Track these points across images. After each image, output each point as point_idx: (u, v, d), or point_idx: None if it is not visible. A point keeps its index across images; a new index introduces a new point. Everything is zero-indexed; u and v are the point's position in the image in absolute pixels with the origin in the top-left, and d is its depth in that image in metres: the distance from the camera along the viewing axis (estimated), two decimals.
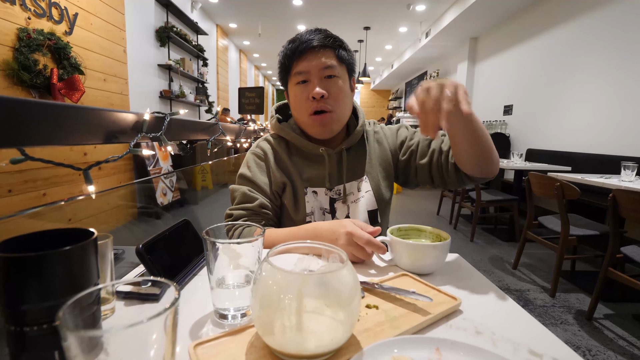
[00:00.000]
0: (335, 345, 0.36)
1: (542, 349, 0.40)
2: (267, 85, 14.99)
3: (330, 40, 0.84)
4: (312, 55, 0.82)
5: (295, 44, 0.83)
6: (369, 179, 0.92)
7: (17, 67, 2.31)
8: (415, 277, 0.58)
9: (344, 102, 0.86)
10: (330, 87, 0.83)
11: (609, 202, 1.71)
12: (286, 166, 0.90)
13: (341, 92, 0.85)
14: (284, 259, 0.41)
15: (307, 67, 0.82)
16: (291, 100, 0.90)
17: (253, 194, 0.85)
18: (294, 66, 0.84)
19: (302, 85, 0.84)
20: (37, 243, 0.35)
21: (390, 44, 8.52)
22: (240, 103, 4.62)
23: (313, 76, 0.82)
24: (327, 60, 0.82)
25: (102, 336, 0.24)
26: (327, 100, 0.83)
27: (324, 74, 0.83)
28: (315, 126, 0.85)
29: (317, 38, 0.83)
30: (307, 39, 0.82)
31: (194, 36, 6.00)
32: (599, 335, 1.74)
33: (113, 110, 0.73)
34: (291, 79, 0.86)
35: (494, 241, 3.28)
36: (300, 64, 0.83)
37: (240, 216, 0.83)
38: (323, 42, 0.83)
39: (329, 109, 0.83)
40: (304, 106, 0.84)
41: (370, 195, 0.91)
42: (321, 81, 0.83)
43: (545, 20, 4.52)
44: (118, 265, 0.75)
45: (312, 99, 0.82)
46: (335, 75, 0.84)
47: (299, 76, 0.84)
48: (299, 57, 0.83)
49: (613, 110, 3.43)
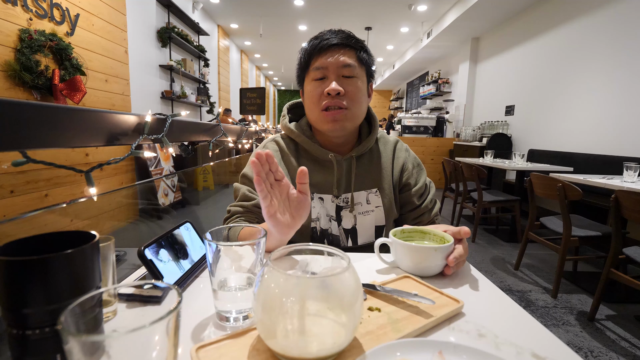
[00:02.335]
0: (338, 348, 0.36)
1: (545, 352, 0.39)
2: (269, 85, 15.00)
3: (352, 40, 0.83)
4: (332, 52, 0.81)
5: (317, 41, 0.83)
6: (380, 193, 0.90)
7: (19, 68, 2.32)
8: (417, 280, 0.58)
9: (359, 102, 0.83)
10: (347, 86, 0.81)
11: (611, 203, 1.71)
12: (294, 169, 0.88)
13: (358, 92, 0.82)
14: (286, 262, 0.41)
15: (325, 63, 0.81)
16: (305, 96, 0.88)
17: (252, 194, 0.85)
18: (312, 62, 0.83)
19: (319, 81, 0.82)
20: (39, 246, 0.35)
21: (392, 44, 8.52)
22: (242, 104, 4.63)
23: (331, 73, 0.81)
24: (347, 59, 0.81)
25: (104, 340, 0.24)
26: (343, 97, 0.81)
27: (342, 73, 0.81)
28: (327, 122, 0.82)
29: (339, 37, 0.82)
30: (329, 37, 0.82)
31: (195, 37, 6.01)
32: (601, 336, 1.73)
33: (114, 112, 0.73)
34: (308, 74, 0.85)
35: (496, 242, 3.27)
36: (319, 59, 0.82)
37: (236, 212, 0.84)
38: (345, 41, 0.82)
39: (343, 105, 0.81)
40: (318, 102, 0.82)
41: (381, 211, 0.89)
42: (338, 79, 0.81)
43: (547, 20, 4.51)
44: (120, 267, 0.75)
45: (327, 95, 0.81)
46: (354, 76, 0.82)
47: (317, 72, 0.82)
48: (318, 53, 0.82)
49: (615, 110, 3.42)
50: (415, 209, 0.92)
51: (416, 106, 10.24)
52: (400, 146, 0.97)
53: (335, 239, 0.87)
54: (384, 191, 0.90)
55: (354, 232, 0.88)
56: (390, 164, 0.93)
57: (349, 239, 0.88)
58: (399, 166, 0.94)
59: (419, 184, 0.93)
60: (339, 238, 0.87)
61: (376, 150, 0.94)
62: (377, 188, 0.90)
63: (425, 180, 0.95)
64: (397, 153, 0.95)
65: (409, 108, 11.25)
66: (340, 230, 0.87)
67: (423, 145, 6.38)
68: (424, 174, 0.96)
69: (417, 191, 0.92)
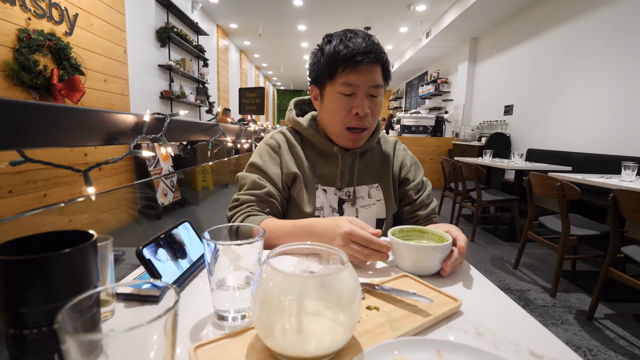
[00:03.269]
0: (336, 347, 0.36)
1: (543, 351, 0.39)
2: (268, 85, 14.99)
3: (383, 56, 0.81)
4: (365, 69, 0.79)
5: (349, 51, 0.78)
6: (382, 188, 0.93)
7: (18, 68, 2.31)
8: (415, 278, 0.58)
9: (378, 118, 0.87)
10: (373, 106, 0.83)
11: (609, 202, 1.71)
12: (300, 159, 0.90)
13: (379, 109, 0.86)
14: (285, 261, 0.41)
15: (358, 81, 0.79)
16: (327, 107, 0.85)
17: (262, 182, 0.85)
18: (343, 75, 0.79)
19: (347, 97, 0.81)
20: (37, 245, 0.35)
21: (391, 44, 8.53)
22: (241, 103, 4.63)
23: (361, 91, 0.80)
24: (377, 79, 0.81)
25: (102, 339, 0.24)
26: (367, 118, 0.83)
27: (371, 92, 0.81)
28: (349, 140, 0.86)
29: (374, 52, 0.79)
30: (364, 50, 0.78)
31: (195, 36, 6.01)
32: (599, 335, 1.74)
33: (112, 111, 0.73)
34: (334, 84, 0.82)
35: (495, 241, 3.27)
36: (352, 75, 0.79)
37: (247, 201, 0.82)
38: (377, 58, 0.79)
39: (367, 126, 0.84)
40: (344, 118, 0.83)
41: (382, 204, 0.92)
42: (367, 98, 0.81)
43: (545, 20, 4.52)
44: (118, 267, 0.75)
45: (355, 115, 0.82)
46: (380, 95, 0.83)
47: (347, 87, 0.80)
48: (353, 68, 0.78)
49: (613, 110, 3.42)
50: (412, 203, 0.95)
51: (415, 106, 10.25)
52: (399, 145, 1.02)
53: None
54: (385, 186, 0.94)
55: None
56: (390, 161, 0.98)
57: None
58: (398, 163, 0.98)
59: (416, 179, 0.97)
60: None
61: (377, 148, 0.98)
62: (378, 183, 0.94)
63: (422, 177, 0.99)
64: (396, 151, 1.00)
65: (408, 108, 11.26)
66: None
67: (422, 144, 6.38)
68: (421, 172, 1.00)
69: (415, 186, 0.96)
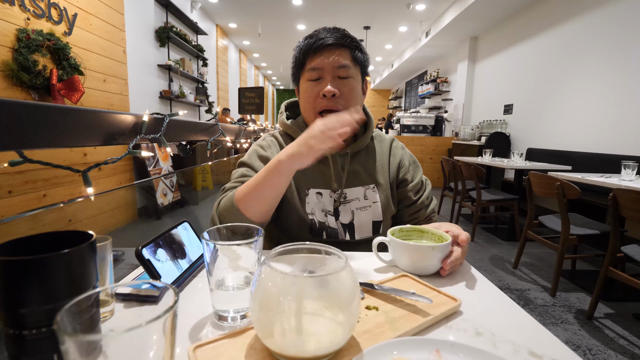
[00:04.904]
0: (335, 347, 0.36)
1: (542, 350, 0.39)
2: (267, 85, 14.98)
3: (347, 40, 0.83)
4: (327, 52, 0.81)
5: (312, 40, 0.83)
6: (378, 190, 0.91)
7: (17, 68, 2.31)
8: (415, 278, 0.58)
9: (355, 103, 0.85)
10: (342, 87, 0.82)
11: (609, 201, 1.71)
12: None
13: (353, 93, 0.84)
14: (284, 261, 0.41)
15: (321, 64, 0.81)
16: (301, 96, 0.89)
17: (250, 173, 0.85)
18: (308, 62, 0.83)
19: (314, 82, 0.83)
20: (36, 246, 0.35)
21: (391, 43, 8.52)
22: (240, 103, 4.62)
23: (326, 73, 0.82)
24: (342, 60, 0.82)
25: (101, 340, 0.24)
26: (338, 99, 0.82)
27: (337, 73, 0.82)
28: None
29: (334, 36, 0.82)
30: (324, 36, 0.82)
31: (194, 36, 6.00)
32: (599, 334, 1.74)
33: (111, 112, 0.72)
34: (304, 74, 0.86)
35: (495, 240, 3.28)
36: (315, 60, 0.82)
37: (233, 187, 0.83)
38: (340, 41, 0.82)
39: (339, 108, 0.82)
40: (313, 103, 0.84)
41: (378, 206, 0.90)
42: (334, 80, 0.82)
43: (545, 20, 4.52)
44: (117, 267, 0.75)
45: (323, 97, 0.82)
46: (349, 76, 0.83)
47: (312, 72, 0.83)
48: (314, 53, 0.82)
49: (613, 109, 3.42)
50: (411, 204, 0.93)
51: (415, 105, 10.24)
52: (396, 144, 0.99)
53: (334, 232, 0.87)
54: (381, 187, 0.91)
55: (351, 227, 0.88)
56: (386, 161, 0.95)
57: (347, 234, 0.88)
58: (395, 163, 0.95)
59: (415, 180, 0.94)
60: (337, 231, 0.88)
61: (372, 148, 0.95)
62: (374, 184, 0.91)
63: (422, 177, 0.96)
64: (393, 150, 0.97)
65: (407, 107, 11.25)
66: (338, 224, 0.88)
67: (422, 144, 6.38)
68: (420, 171, 0.97)
69: (414, 187, 0.93)
